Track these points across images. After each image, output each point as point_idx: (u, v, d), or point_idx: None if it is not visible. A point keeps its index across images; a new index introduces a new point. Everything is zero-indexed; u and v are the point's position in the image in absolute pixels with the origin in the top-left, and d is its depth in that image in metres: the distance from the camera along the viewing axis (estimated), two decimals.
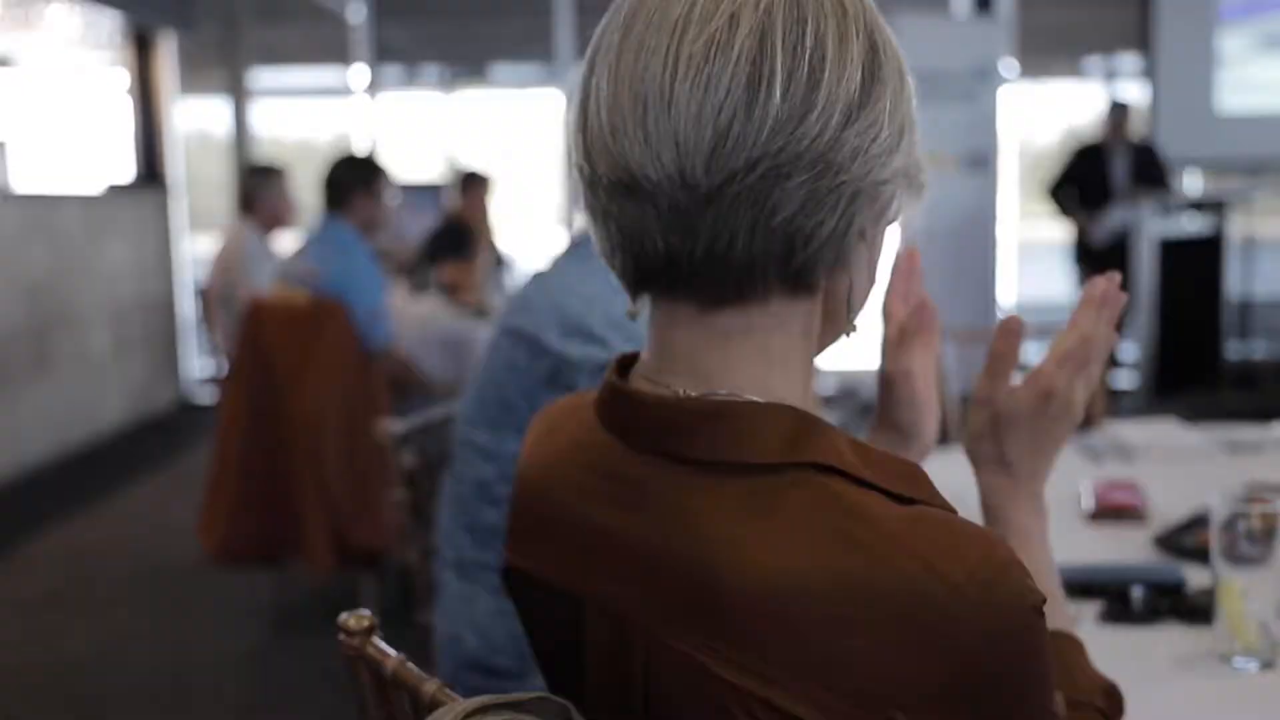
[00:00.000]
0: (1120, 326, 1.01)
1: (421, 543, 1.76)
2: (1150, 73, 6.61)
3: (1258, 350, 6.98)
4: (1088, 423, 2.48)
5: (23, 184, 6.08)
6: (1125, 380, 6.67)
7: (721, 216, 0.72)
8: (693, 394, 0.77)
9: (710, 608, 0.71)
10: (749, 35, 0.71)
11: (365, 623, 0.88)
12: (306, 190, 4.76)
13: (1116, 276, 1.00)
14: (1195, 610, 1.33)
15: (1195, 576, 1.42)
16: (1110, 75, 7.38)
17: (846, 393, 6.66)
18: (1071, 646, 0.94)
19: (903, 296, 1.05)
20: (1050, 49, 7.33)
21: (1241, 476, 1.89)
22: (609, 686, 0.80)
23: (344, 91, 7.63)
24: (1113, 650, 1.30)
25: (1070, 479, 1.91)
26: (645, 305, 0.81)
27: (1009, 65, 6.86)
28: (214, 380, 4.18)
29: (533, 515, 0.87)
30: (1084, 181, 6.48)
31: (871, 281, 0.83)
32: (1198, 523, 1.56)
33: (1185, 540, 1.54)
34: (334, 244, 3.60)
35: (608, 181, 0.76)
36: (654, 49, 0.73)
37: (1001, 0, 6.99)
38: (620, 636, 0.77)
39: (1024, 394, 0.97)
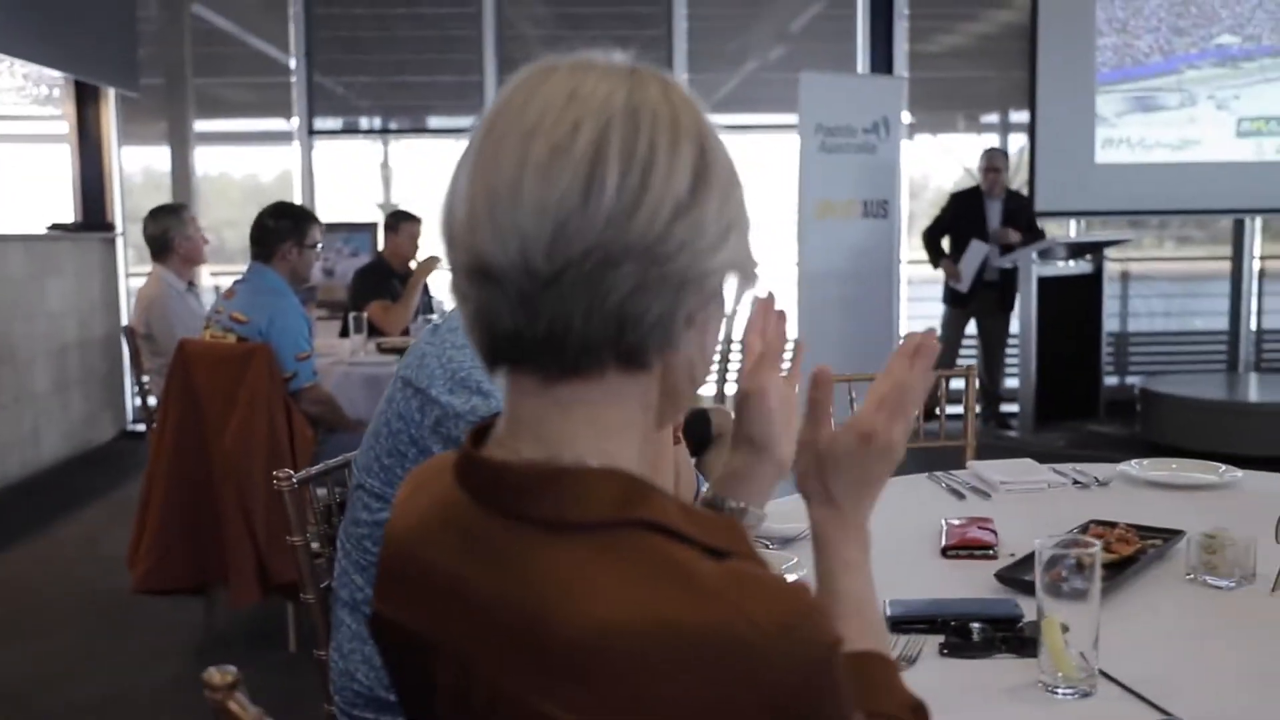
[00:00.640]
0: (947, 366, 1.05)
1: (319, 583, 1.75)
2: (1033, 129, 6.78)
3: (1134, 381, 7.16)
4: (957, 461, 2.54)
5: None
6: (1009, 409, 6.82)
7: (560, 300, 0.76)
8: (537, 459, 0.80)
9: (545, 655, 0.74)
10: (589, 143, 0.76)
11: (229, 678, 0.89)
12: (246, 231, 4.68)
13: (934, 330, 1.05)
14: (1026, 643, 1.37)
15: (1058, 609, 1.46)
16: (1006, 129, 7.56)
17: None
18: (885, 665, 0.97)
19: (759, 331, 1.08)
20: (953, 104, 7.49)
21: (1089, 512, 1.94)
22: None
23: (286, 138, 7.57)
24: (952, 681, 1.34)
25: (933, 516, 1.96)
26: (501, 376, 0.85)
27: (907, 119, 7.01)
28: (145, 417, 4.08)
29: (396, 566, 0.89)
30: (960, 225, 6.54)
31: (704, 362, 0.87)
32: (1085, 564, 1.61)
33: (1023, 576, 1.59)
34: (261, 289, 3.57)
35: (465, 268, 0.80)
36: (507, 151, 0.77)
37: (899, 59, 7.15)
38: (466, 682, 0.80)
39: (846, 436, 1.01)
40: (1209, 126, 6.79)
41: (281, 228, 3.58)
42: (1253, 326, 7.36)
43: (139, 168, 7.66)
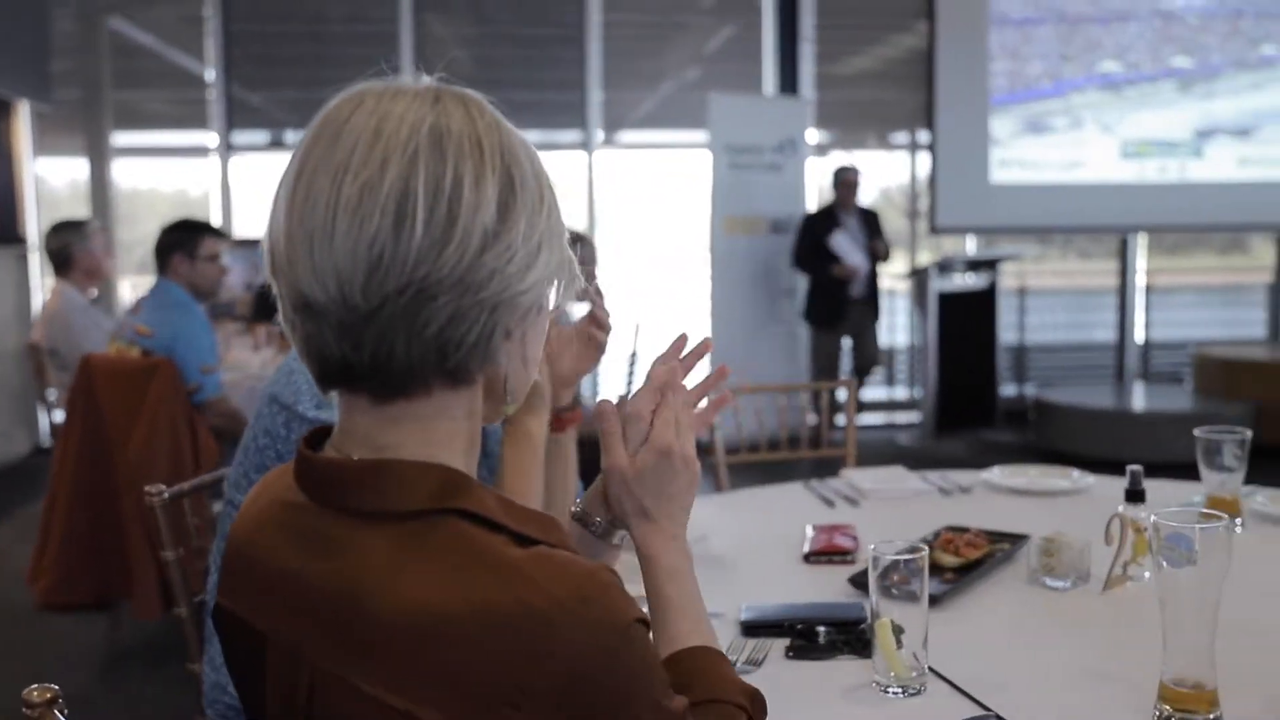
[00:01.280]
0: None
1: (192, 596, 1.74)
2: (933, 148, 6.91)
3: (1031, 391, 7.32)
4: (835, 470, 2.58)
5: None
6: (912, 418, 6.94)
7: (381, 331, 0.79)
8: (367, 458, 0.84)
9: (361, 634, 0.77)
10: (396, 179, 0.78)
11: (48, 695, 0.88)
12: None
13: (686, 335, 1.13)
14: (866, 644, 1.40)
15: (898, 611, 1.49)
16: (915, 148, 7.67)
17: None
18: (717, 658, 1.00)
19: (666, 361, 1.13)
20: (865, 123, 7.59)
21: (949, 518, 1.99)
22: (281, 713, 0.84)
23: (205, 151, 7.45)
24: (794, 683, 1.37)
25: (802, 523, 1.99)
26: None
27: (814, 138, 7.11)
28: (56, 433, 3.98)
29: (235, 563, 0.91)
30: (822, 242, 6.37)
31: (527, 366, 0.90)
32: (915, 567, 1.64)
33: (902, 583, 1.62)
34: (165, 303, 3.53)
35: (289, 300, 0.82)
36: (320, 190, 0.79)
37: (805, 81, 7.24)
38: (291, 667, 0.82)
39: (647, 455, 1.05)
40: (1095, 148, 7.00)
41: (170, 240, 3.56)
42: (1139, 338, 7.59)
43: (64, 181, 7.48)
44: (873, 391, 7.55)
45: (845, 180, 6.42)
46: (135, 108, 7.36)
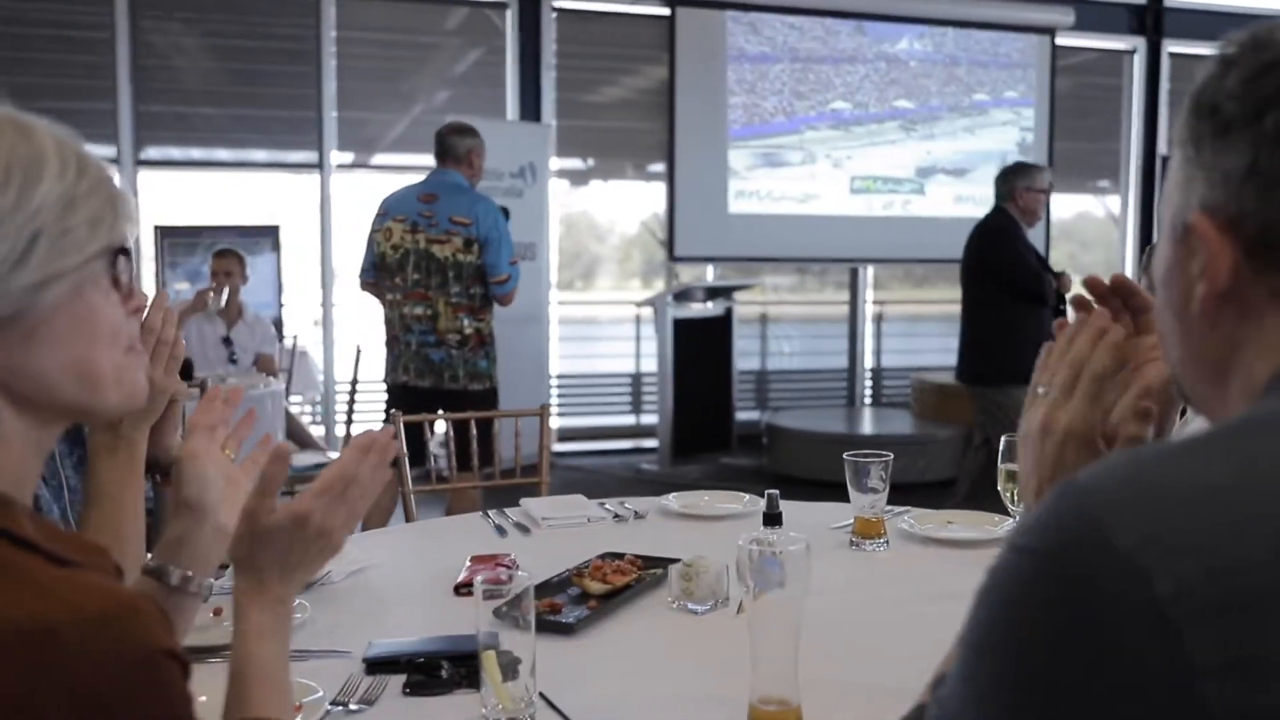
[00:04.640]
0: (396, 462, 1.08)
1: None
2: (672, 178, 7.11)
3: (770, 416, 7.62)
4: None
5: None
6: (650, 443, 7.09)
7: None
8: None
9: None
10: None
11: None
12: None
13: (390, 429, 1.09)
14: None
15: (515, 642, 1.49)
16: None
17: None
18: None
19: (204, 412, 1.16)
20: (622, 152, 7.68)
21: (617, 544, 2.02)
22: None
23: None
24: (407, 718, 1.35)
25: (466, 554, 1.97)
26: None
27: (556, 165, 7.18)
28: None
29: None
30: (1031, 259, 5.02)
31: (77, 361, 0.85)
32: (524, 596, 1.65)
33: (513, 611, 1.62)
34: None
35: None
36: None
37: (548, 108, 7.30)
38: None
39: (281, 515, 1.01)
40: (826, 183, 7.40)
41: None
42: (869, 365, 8.04)
43: None
44: (620, 419, 7.69)
45: (1044, 188, 4.85)
46: None
